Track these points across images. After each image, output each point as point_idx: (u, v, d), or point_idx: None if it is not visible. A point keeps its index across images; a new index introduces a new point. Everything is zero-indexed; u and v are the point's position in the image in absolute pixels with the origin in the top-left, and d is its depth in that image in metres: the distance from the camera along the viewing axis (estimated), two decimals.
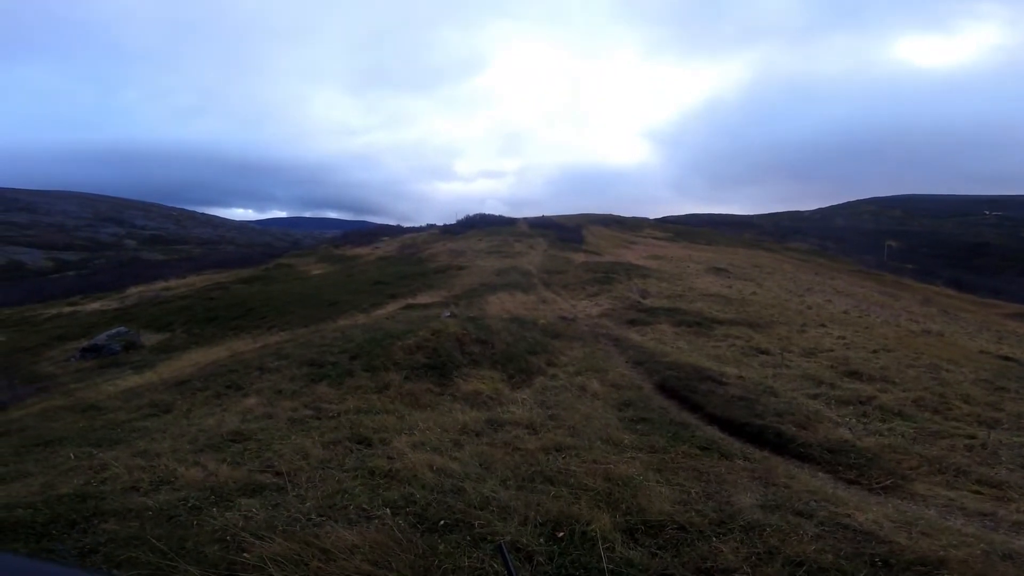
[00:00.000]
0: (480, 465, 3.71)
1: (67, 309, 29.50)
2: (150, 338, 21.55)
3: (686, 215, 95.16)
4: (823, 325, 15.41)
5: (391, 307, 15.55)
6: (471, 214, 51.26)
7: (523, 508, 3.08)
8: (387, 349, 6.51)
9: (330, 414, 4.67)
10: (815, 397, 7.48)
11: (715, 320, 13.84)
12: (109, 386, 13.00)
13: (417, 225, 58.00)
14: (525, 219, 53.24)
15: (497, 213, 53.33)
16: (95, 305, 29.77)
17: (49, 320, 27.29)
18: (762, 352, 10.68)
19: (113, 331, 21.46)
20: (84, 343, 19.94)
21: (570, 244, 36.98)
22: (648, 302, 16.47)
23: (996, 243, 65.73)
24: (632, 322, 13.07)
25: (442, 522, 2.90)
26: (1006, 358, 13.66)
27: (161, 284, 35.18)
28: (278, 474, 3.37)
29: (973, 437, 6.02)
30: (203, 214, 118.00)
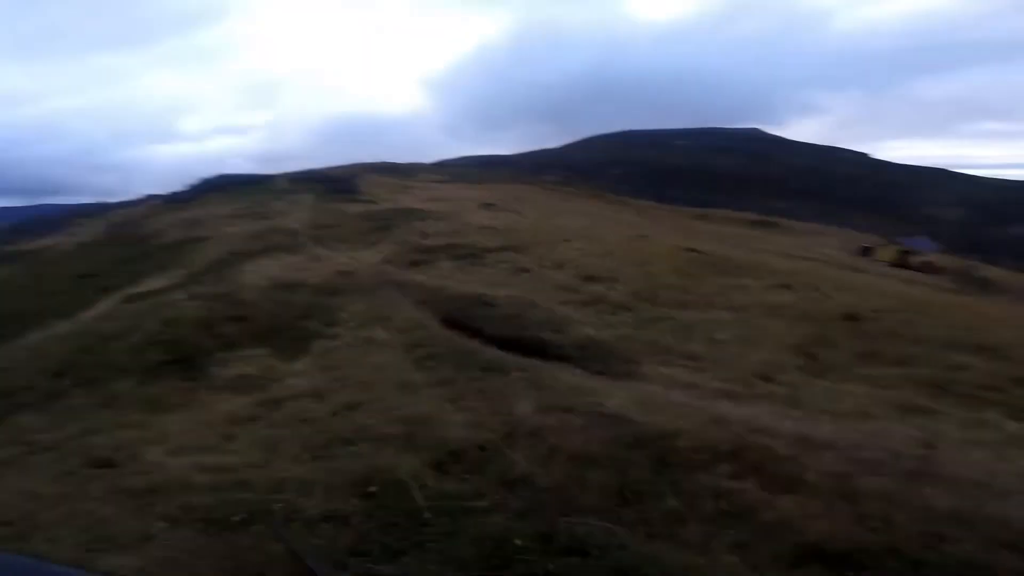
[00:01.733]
0: (264, 449, 3.49)
1: None
2: None
3: (460, 157, 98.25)
4: (568, 240, 18.05)
5: (105, 303, 12.62)
6: (208, 176, 43.40)
7: (325, 477, 3.03)
8: (105, 355, 5.39)
9: (46, 445, 3.74)
10: (565, 303, 8.88)
11: (486, 249, 14.99)
12: None
13: (131, 198, 46.85)
14: (285, 175, 47.85)
15: (245, 172, 46.32)
16: None
17: None
18: (524, 271, 12.15)
19: None
20: None
21: (343, 195, 34.76)
22: (428, 242, 16.88)
23: (684, 165, 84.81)
24: (414, 263, 13.33)
25: (236, 518, 2.70)
26: (691, 250, 18.08)
27: None
28: (6, 524, 2.65)
29: (673, 319, 7.99)
30: None
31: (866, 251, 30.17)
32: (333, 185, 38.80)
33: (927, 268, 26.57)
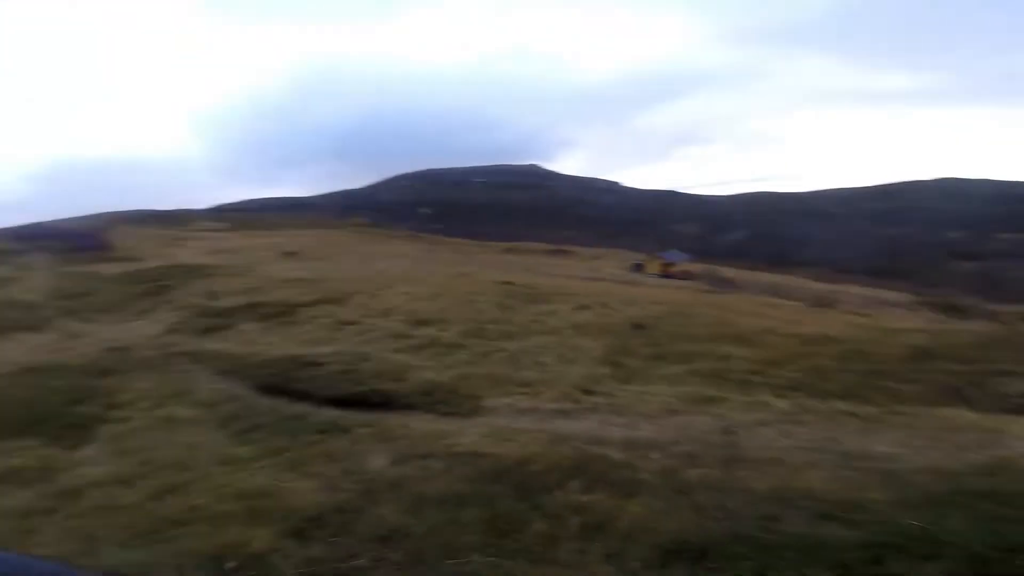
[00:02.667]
0: (80, 540, 2.80)
1: None
2: None
3: (243, 201, 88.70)
4: (390, 286, 17.73)
5: None
6: None
7: (170, 559, 2.62)
8: None
9: None
10: (399, 351, 8.72)
11: (298, 304, 13.81)
12: None
13: None
14: (5, 230, 37.47)
15: None
16: None
17: None
18: (348, 323, 11.48)
19: None
20: None
21: (92, 254, 28.58)
22: (221, 303, 14.80)
23: (485, 201, 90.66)
24: (207, 330, 11.55)
25: None
26: (507, 283, 19.34)
27: None
28: None
29: (504, 350, 8.40)
30: None
31: (638, 267, 35.83)
32: (74, 242, 31.70)
33: (685, 275, 32.73)
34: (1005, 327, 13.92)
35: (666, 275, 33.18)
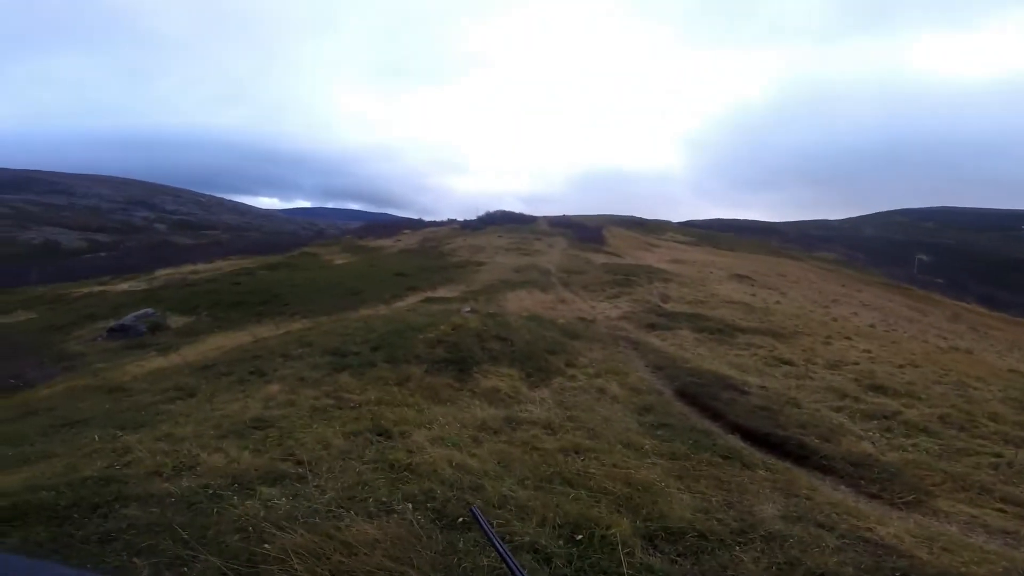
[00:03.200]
0: (498, 463, 3.69)
1: (97, 289, 30.21)
2: (176, 320, 22.00)
3: (709, 220, 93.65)
4: (848, 338, 15.00)
5: (411, 299, 15.65)
6: (491, 210, 51.14)
7: (541, 509, 3.05)
8: (408, 341, 6.53)
9: (351, 404, 4.68)
10: (839, 410, 7.29)
11: (737, 328, 13.56)
12: (134, 367, 13.28)
13: (437, 219, 58.16)
14: (545, 217, 52.98)
15: (516, 210, 53.09)
16: (124, 286, 30.45)
17: (80, 299, 27.94)
18: (785, 363, 10.43)
19: (140, 312, 21.97)
20: (112, 323, 20.43)
21: (590, 244, 36.73)
22: (668, 307, 16.24)
23: (1018, 257, 63.36)
24: (652, 326, 12.90)
25: (461, 519, 2.88)
26: None
27: (189, 268, 35.82)
28: (299, 463, 3.38)
29: (999, 456, 5.80)
30: (231, 201, 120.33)
31: None
32: (583, 233, 41.42)
33: None
34: None
35: None
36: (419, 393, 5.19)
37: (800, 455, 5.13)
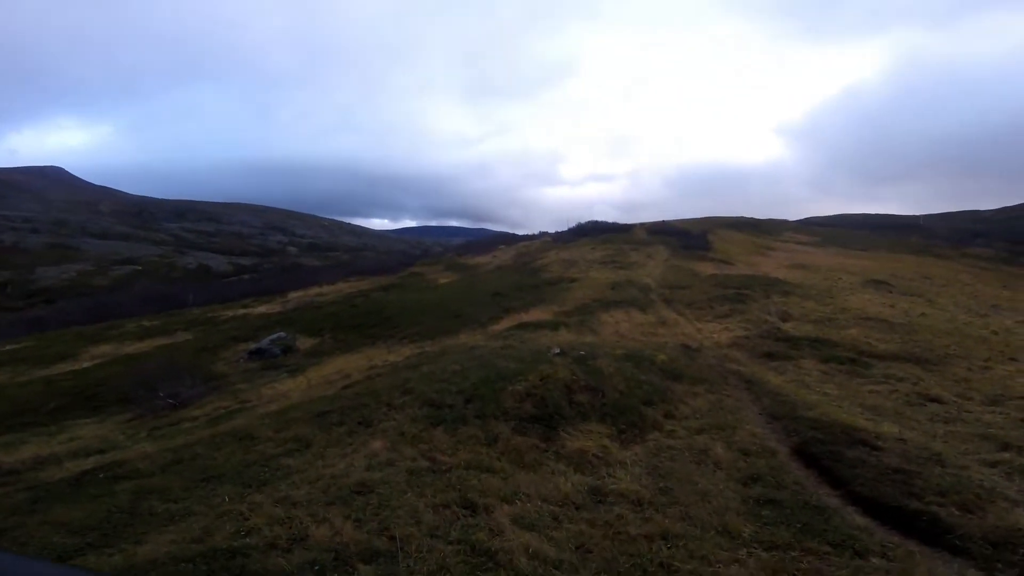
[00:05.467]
0: (577, 549, 3.60)
1: (240, 311, 34.44)
2: (304, 342, 24.40)
3: (833, 216, 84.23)
4: (1014, 359, 12.55)
5: (506, 323, 15.86)
6: (582, 221, 50.48)
7: None
8: (498, 394, 6.59)
9: (443, 467, 4.85)
10: (993, 465, 6.09)
11: (873, 354, 11.89)
12: (268, 389, 14.91)
13: (530, 233, 58.93)
14: (642, 224, 51.10)
15: (609, 220, 51.76)
16: (262, 308, 34.45)
17: (226, 321, 32.02)
18: (932, 400, 8.95)
19: (275, 335, 24.70)
20: (252, 345, 23.19)
21: (695, 252, 34.75)
22: (789, 327, 14.73)
23: None
24: (769, 355, 11.64)
25: None
26: None
27: (316, 290, 39.74)
28: (392, 539, 3.55)
29: None
30: (349, 223, 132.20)
31: None
32: (686, 240, 39.14)
33: None
34: None
35: None
36: (506, 456, 5.21)
37: (931, 532, 4.35)
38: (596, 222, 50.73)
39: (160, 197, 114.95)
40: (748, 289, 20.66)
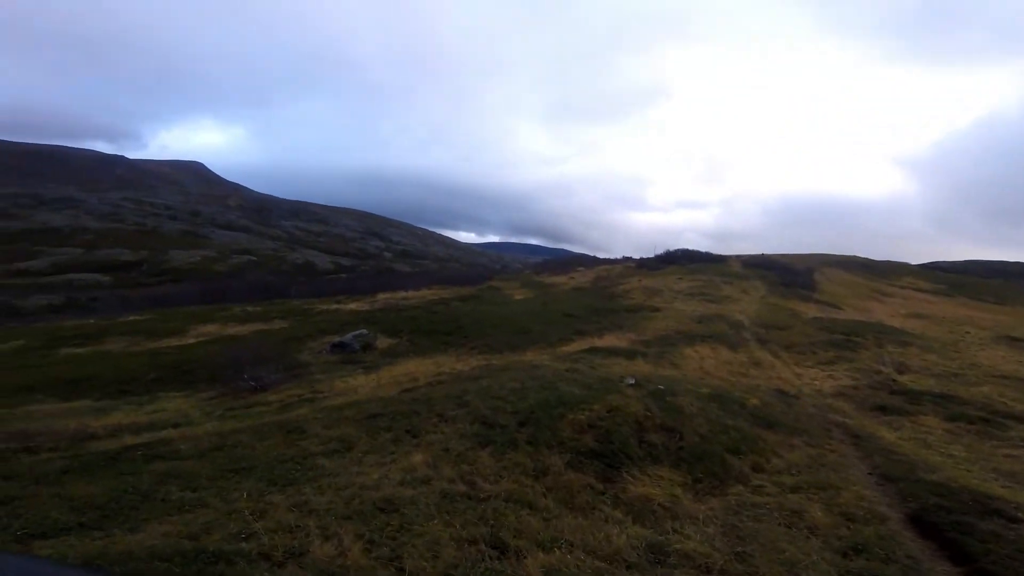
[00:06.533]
0: None
1: (333, 307, 36.36)
2: (383, 342, 25.13)
3: (963, 261, 74.17)
4: None
5: (576, 345, 15.09)
6: (670, 248, 48.03)
7: None
8: (555, 421, 5.91)
9: (481, 495, 4.28)
10: None
11: (1010, 414, 9.95)
12: (341, 383, 15.25)
13: (611, 257, 57.22)
14: (737, 256, 47.80)
15: (701, 249, 48.91)
16: (352, 306, 36.17)
17: (319, 314, 33.87)
18: None
19: (357, 332, 25.68)
20: (335, 339, 24.26)
21: (797, 291, 31.72)
22: (907, 380, 12.70)
23: None
24: (882, 409, 10.09)
25: None
26: None
27: (402, 293, 41.20)
28: (400, 571, 3.05)
29: None
30: (438, 234, 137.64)
31: None
32: (786, 276, 35.85)
33: None
34: None
35: None
36: (554, 493, 4.53)
37: None
38: (685, 250, 48.19)
39: (279, 196, 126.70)
40: (858, 336, 18.29)
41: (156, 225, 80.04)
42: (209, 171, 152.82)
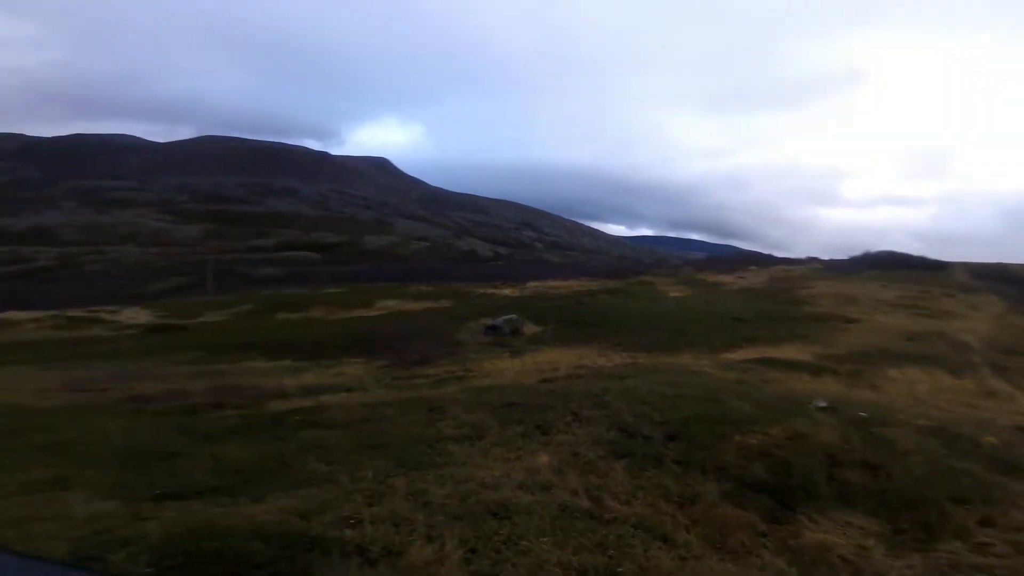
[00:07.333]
0: None
1: (490, 291, 38.21)
2: (530, 328, 25.59)
3: None
4: None
5: (744, 353, 13.36)
6: (871, 250, 40.33)
7: None
8: (717, 441, 4.98)
9: (606, 516, 3.71)
10: None
11: None
12: (488, 364, 15.77)
13: (792, 256, 50.04)
14: (963, 264, 38.47)
15: (912, 252, 40.22)
16: (507, 291, 37.59)
17: (478, 297, 35.78)
18: None
19: (508, 316, 26.50)
20: (489, 321, 25.37)
21: None
22: None
23: None
24: None
25: None
26: None
27: (551, 283, 41.73)
28: None
29: None
30: (587, 226, 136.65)
31: None
32: None
33: None
34: None
35: None
36: (701, 527, 3.73)
37: None
38: (891, 253, 40.36)
39: (449, 189, 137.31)
40: None
41: (354, 213, 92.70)
42: (393, 166, 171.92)
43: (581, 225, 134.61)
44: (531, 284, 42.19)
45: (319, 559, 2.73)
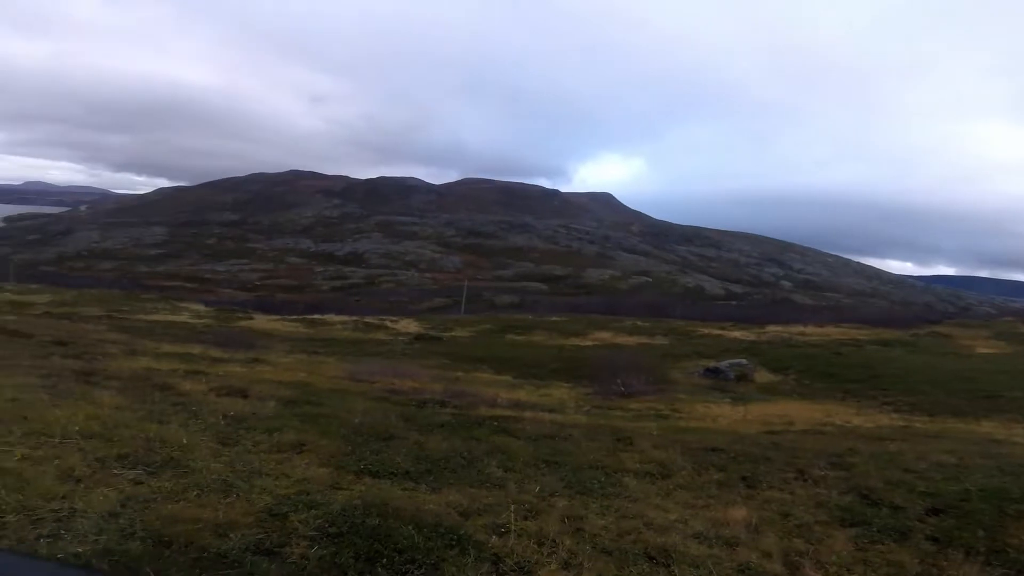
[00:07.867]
0: None
1: (715, 332, 35.04)
2: (762, 376, 22.40)
3: None
4: None
5: None
6: None
7: None
8: (1004, 519, 3.33)
9: None
10: None
11: None
12: (702, 407, 14.21)
13: None
14: None
15: None
16: (736, 334, 33.89)
17: (699, 337, 33.18)
18: None
19: (735, 360, 23.75)
20: (711, 364, 23.11)
21: None
22: None
23: None
24: None
25: None
26: None
27: (798, 328, 35.98)
28: None
29: None
30: (856, 263, 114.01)
31: None
32: None
33: None
34: None
35: None
36: None
37: None
38: None
39: (673, 222, 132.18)
40: None
41: (579, 248, 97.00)
42: (616, 200, 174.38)
43: (848, 261, 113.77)
44: (771, 328, 37.18)
45: (454, 557, 2.62)
